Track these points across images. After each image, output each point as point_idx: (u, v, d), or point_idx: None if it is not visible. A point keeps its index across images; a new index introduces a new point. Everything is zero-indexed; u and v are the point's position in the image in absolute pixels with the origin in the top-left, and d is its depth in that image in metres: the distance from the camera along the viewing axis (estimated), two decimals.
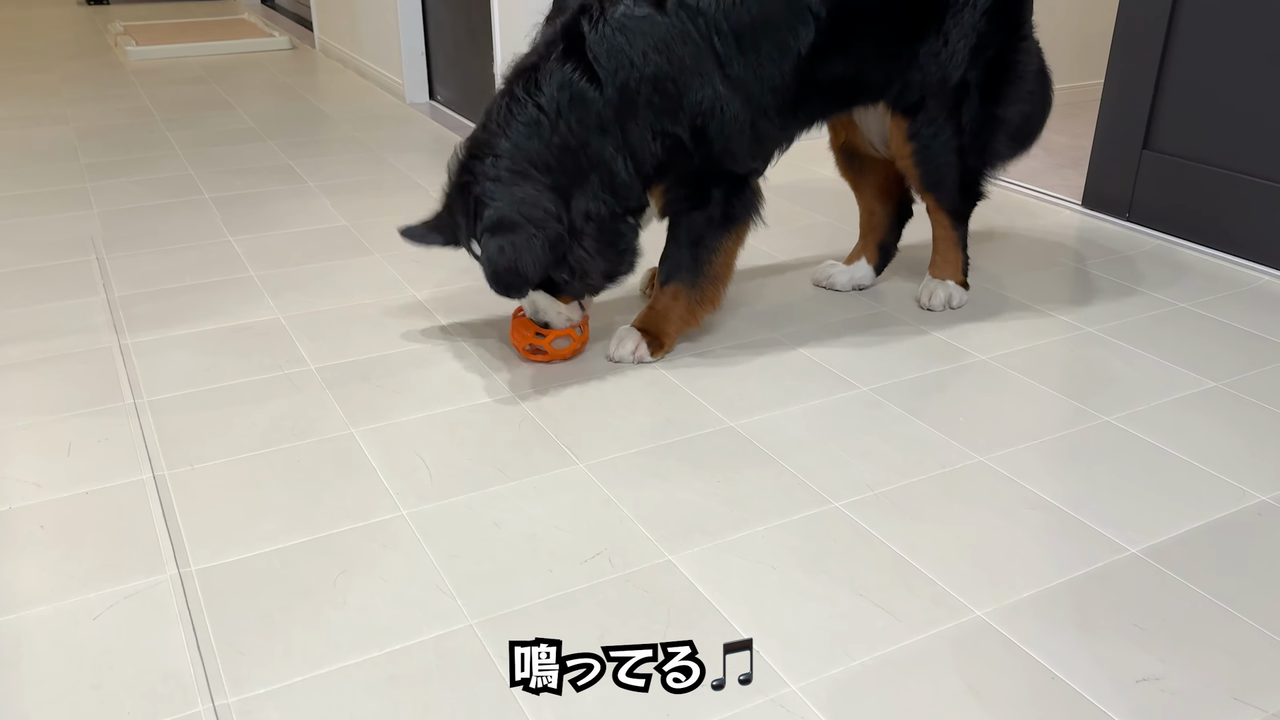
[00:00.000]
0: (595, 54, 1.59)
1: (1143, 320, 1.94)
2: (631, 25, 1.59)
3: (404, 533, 1.33)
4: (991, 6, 1.78)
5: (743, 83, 1.64)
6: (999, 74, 1.85)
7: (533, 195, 1.59)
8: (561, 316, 1.73)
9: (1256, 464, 1.48)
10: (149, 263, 2.22)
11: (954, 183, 1.91)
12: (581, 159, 1.60)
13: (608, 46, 1.59)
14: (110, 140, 3.22)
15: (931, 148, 1.86)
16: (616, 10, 1.60)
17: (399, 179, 2.86)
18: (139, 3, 6.47)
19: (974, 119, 1.85)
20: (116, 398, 1.66)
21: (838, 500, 1.39)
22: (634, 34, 1.59)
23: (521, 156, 1.60)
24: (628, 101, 1.60)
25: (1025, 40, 1.88)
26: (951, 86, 1.81)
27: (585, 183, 1.61)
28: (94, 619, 1.18)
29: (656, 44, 1.59)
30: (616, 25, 1.59)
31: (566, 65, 1.60)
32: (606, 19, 1.59)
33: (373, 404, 1.64)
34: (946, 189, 1.92)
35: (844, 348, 1.84)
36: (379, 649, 1.13)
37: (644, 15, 1.59)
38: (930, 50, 1.78)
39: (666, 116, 1.62)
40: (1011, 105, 1.89)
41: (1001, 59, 1.84)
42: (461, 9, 3.37)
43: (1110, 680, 1.09)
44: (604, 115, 1.59)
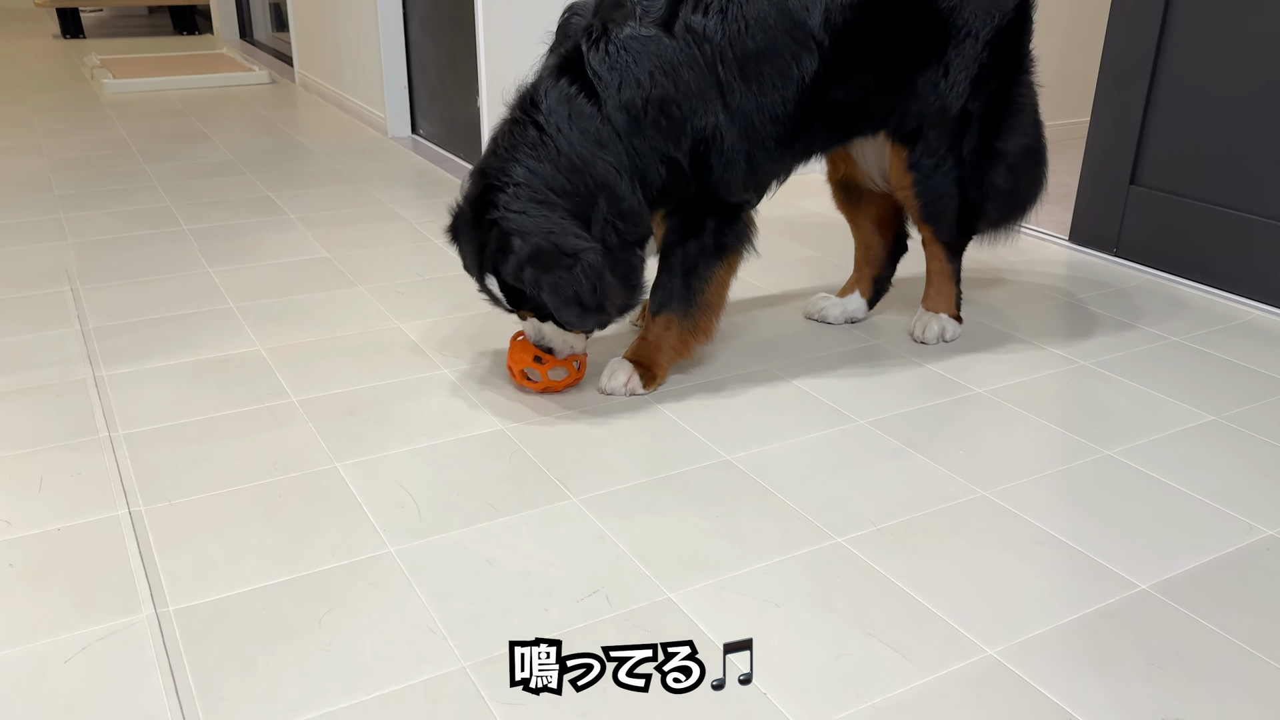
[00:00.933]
0: (594, 70, 1.57)
1: (1137, 354, 1.93)
2: (638, 46, 1.58)
3: (392, 571, 1.27)
4: (993, 38, 1.78)
5: (743, 112, 1.64)
6: (999, 106, 1.85)
7: (561, 225, 1.56)
8: (568, 346, 1.71)
9: (1260, 498, 1.46)
10: (125, 294, 2.16)
11: (953, 214, 1.90)
12: (589, 179, 1.58)
13: (610, 64, 1.57)
14: (85, 172, 3.17)
15: (932, 178, 1.85)
16: (623, 30, 1.59)
17: (381, 211, 2.82)
18: (115, 37, 6.44)
19: (974, 150, 1.85)
20: (91, 431, 1.60)
21: (840, 536, 1.35)
22: (641, 55, 1.58)
23: (540, 182, 1.57)
24: (633, 121, 1.58)
25: (1026, 75, 1.88)
26: (952, 117, 1.81)
27: (596, 207, 1.59)
28: (65, 662, 1.11)
29: (664, 66, 1.58)
30: (621, 44, 1.58)
31: (562, 80, 1.59)
32: (610, 38, 1.58)
33: (358, 437, 1.59)
34: (946, 220, 1.91)
35: (839, 380, 1.81)
36: (367, 693, 1.07)
37: (651, 36, 1.58)
38: (930, 80, 1.78)
39: (670, 140, 1.61)
40: (1010, 138, 1.88)
41: (1002, 91, 1.84)
42: (445, 44, 3.36)
43: (1129, 717, 1.05)
44: (603, 132, 1.57)
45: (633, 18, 1.59)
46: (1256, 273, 2.17)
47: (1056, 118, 3.60)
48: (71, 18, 6.27)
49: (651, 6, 1.60)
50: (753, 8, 1.62)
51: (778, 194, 1.86)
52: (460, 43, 3.21)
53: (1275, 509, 1.43)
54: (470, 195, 1.65)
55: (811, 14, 1.65)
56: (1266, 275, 2.16)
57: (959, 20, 1.75)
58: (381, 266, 2.36)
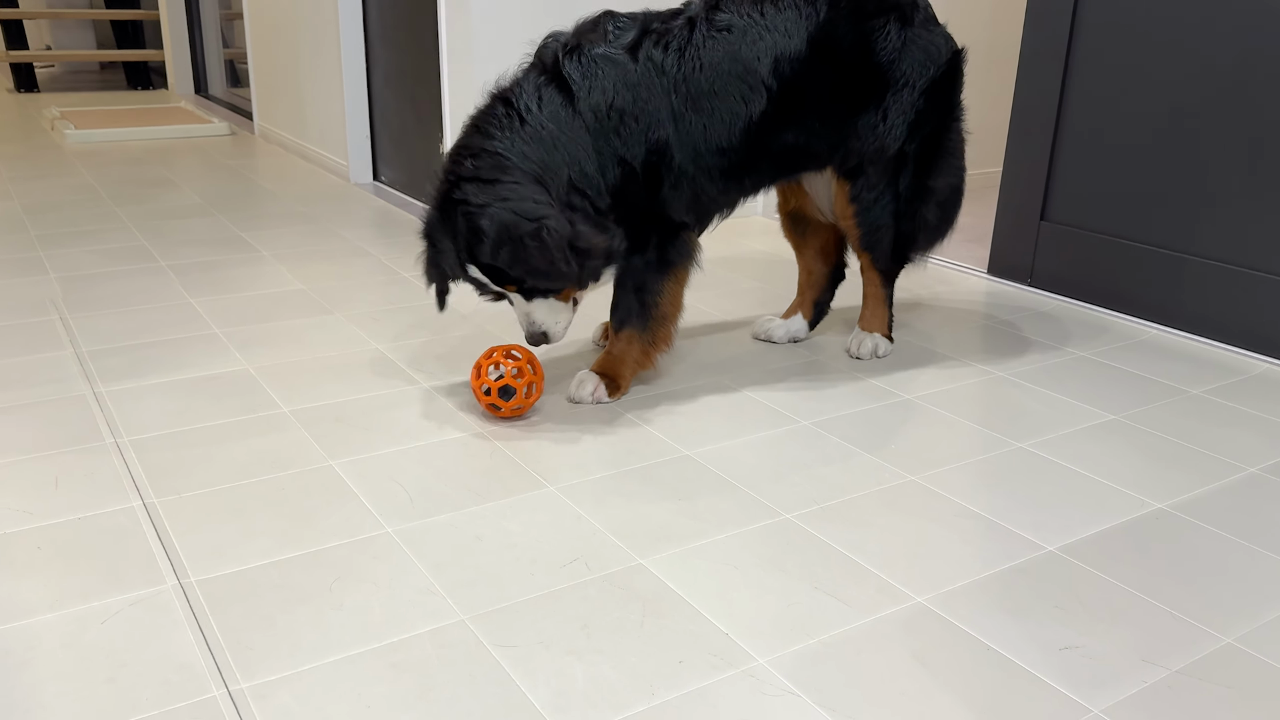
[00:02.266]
0: (569, 72, 1.76)
1: (1046, 366, 2.16)
2: (606, 62, 1.78)
3: (391, 547, 1.42)
4: (928, 88, 2.00)
5: (691, 140, 1.82)
6: (932, 150, 2.07)
7: (518, 191, 1.68)
8: (560, 325, 1.82)
9: (1150, 480, 1.68)
10: (112, 321, 2.29)
11: (889, 243, 2.12)
12: (557, 154, 1.73)
13: (583, 71, 1.77)
14: (58, 214, 3.28)
15: (871, 211, 2.06)
16: (595, 49, 1.79)
17: (350, 248, 2.98)
18: (69, 91, 6.52)
19: (909, 187, 2.07)
20: (96, 438, 1.73)
21: (788, 513, 1.53)
22: (609, 67, 1.77)
23: (500, 147, 1.71)
24: (598, 121, 1.76)
25: (957, 122, 2.11)
26: (890, 157, 2.02)
27: (560, 177, 1.73)
28: (101, 624, 1.24)
29: (627, 83, 1.77)
30: (593, 58, 1.78)
31: (540, 78, 1.77)
32: (584, 52, 1.78)
33: (348, 440, 1.74)
34: (882, 248, 2.12)
35: (784, 390, 2.00)
36: (379, 641, 1.22)
37: (619, 58, 1.79)
38: (870, 123, 1.99)
39: (627, 145, 1.78)
40: (940, 178, 2.11)
41: (935, 136, 2.06)
42: (408, 93, 3.55)
43: (1038, 649, 1.24)
44: (573, 125, 1.74)
45: (604, 40, 1.80)
46: (1152, 297, 2.43)
47: (973, 167, 3.90)
48: (26, 72, 6.35)
49: (621, 35, 1.81)
50: (709, 53, 1.82)
51: (724, 234, 2.07)
52: (423, 94, 3.40)
53: (1162, 488, 1.65)
54: (438, 188, 1.76)
55: (762, 62, 1.86)
56: (1161, 299, 2.42)
57: (898, 72, 1.97)
58: (355, 296, 2.52)
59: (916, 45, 1.98)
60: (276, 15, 4.45)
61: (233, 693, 1.13)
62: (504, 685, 1.15)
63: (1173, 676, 1.20)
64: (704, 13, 1.86)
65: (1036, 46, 2.60)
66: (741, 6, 1.88)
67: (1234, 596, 1.36)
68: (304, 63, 4.21)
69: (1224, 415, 1.94)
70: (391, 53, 3.63)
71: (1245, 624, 1.30)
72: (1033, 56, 2.61)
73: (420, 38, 3.34)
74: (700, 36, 1.83)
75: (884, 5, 1.96)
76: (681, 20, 1.85)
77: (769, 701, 1.13)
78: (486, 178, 1.70)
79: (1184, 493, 1.63)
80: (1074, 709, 1.14)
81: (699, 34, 1.84)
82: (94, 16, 6.90)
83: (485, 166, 1.71)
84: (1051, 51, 2.56)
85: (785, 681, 1.16)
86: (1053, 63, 2.56)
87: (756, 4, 1.88)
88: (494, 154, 1.72)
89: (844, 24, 1.92)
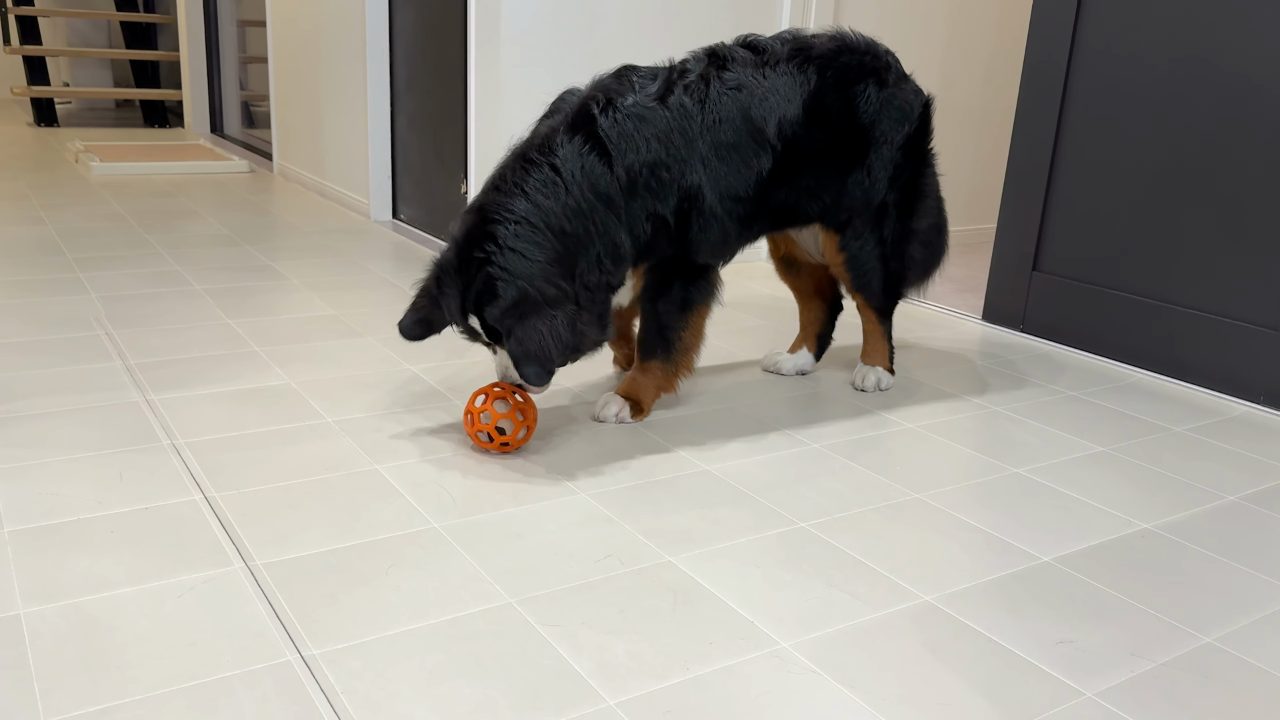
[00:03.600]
0: (607, 134, 1.82)
1: (1039, 403, 2.30)
2: (639, 114, 1.86)
3: (439, 540, 1.53)
4: (904, 143, 2.18)
5: (716, 183, 1.95)
6: (911, 195, 2.24)
7: (547, 271, 1.74)
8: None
9: (1138, 503, 1.81)
10: (155, 338, 2.41)
11: (879, 285, 2.27)
12: (591, 226, 1.79)
13: (619, 130, 1.84)
14: (91, 239, 3.41)
15: (860, 257, 2.22)
16: (626, 100, 1.87)
17: (375, 279, 3.11)
18: (88, 126, 6.69)
19: (892, 232, 2.23)
20: (153, 439, 1.84)
21: (802, 522, 1.66)
22: (641, 122, 1.86)
23: (539, 217, 1.75)
24: (631, 183, 1.84)
25: (929, 167, 2.28)
26: (874, 208, 2.19)
27: (589, 250, 1.80)
28: (178, 597, 1.35)
29: (659, 134, 1.87)
30: (627, 113, 1.86)
31: (578, 138, 1.82)
32: (616, 106, 1.86)
33: (391, 447, 1.85)
34: (873, 290, 2.28)
35: (795, 416, 2.13)
36: (435, 618, 1.33)
37: (651, 107, 1.88)
38: (857, 180, 2.15)
39: (660, 199, 1.88)
40: (921, 219, 2.28)
41: (912, 184, 2.23)
42: (430, 134, 3.71)
43: (1035, 642, 1.36)
44: (611, 191, 1.82)
45: (632, 91, 1.90)
46: (1138, 344, 2.59)
47: (969, 223, 4.09)
48: (46, 107, 6.52)
49: (647, 85, 1.91)
50: (725, 109, 1.96)
51: (731, 276, 2.21)
52: (447, 137, 3.56)
53: (1147, 511, 1.78)
54: (462, 232, 1.79)
55: (768, 124, 2.01)
56: (1146, 345, 2.57)
57: (878, 131, 2.14)
58: (385, 321, 2.65)
59: (892, 105, 2.14)
60: (301, 58, 4.63)
61: (305, 657, 1.23)
62: (552, 657, 1.26)
63: (1158, 669, 1.32)
64: (714, 71, 1.99)
65: (1031, 110, 2.78)
66: (745, 69, 2.01)
67: (1213, 604, 1.48)
68: (328, 104, 4.38)
69: (1205, 450, 2.08)
70: (416, 98, 3.81)
71: (1223, 627, 1.42)
72: (1027, 119, 2.79)
73: (447, 84, 3.52)
74: (716, 92, 1.96)
75: (863, 70, 2.11)
76: (696, 75, 1.97)
77: (793, 678, 1.25)
78: (516, 247, 1.73)
79: (1167, 515, 1.76)
80: (1069, 693, 1.25)
81: (714, 90, 1.96)
82: (117, 56, 7.10)
83: (519, 235, 1.74)
84: (1045, 114, 2.74)
85: (807, 662, 1.28)
86: (1045, 124, 2.74)
87: (758, 68, 2.02)
88: (531, 225, 1.75)
89: (831, 92, 2.07)
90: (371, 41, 3.90)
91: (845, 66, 2.09)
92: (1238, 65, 2.35)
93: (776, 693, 1.21)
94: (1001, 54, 3.95)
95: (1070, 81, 2.68)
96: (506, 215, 1.76)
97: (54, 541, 1.47)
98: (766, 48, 2.06)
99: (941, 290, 3.33)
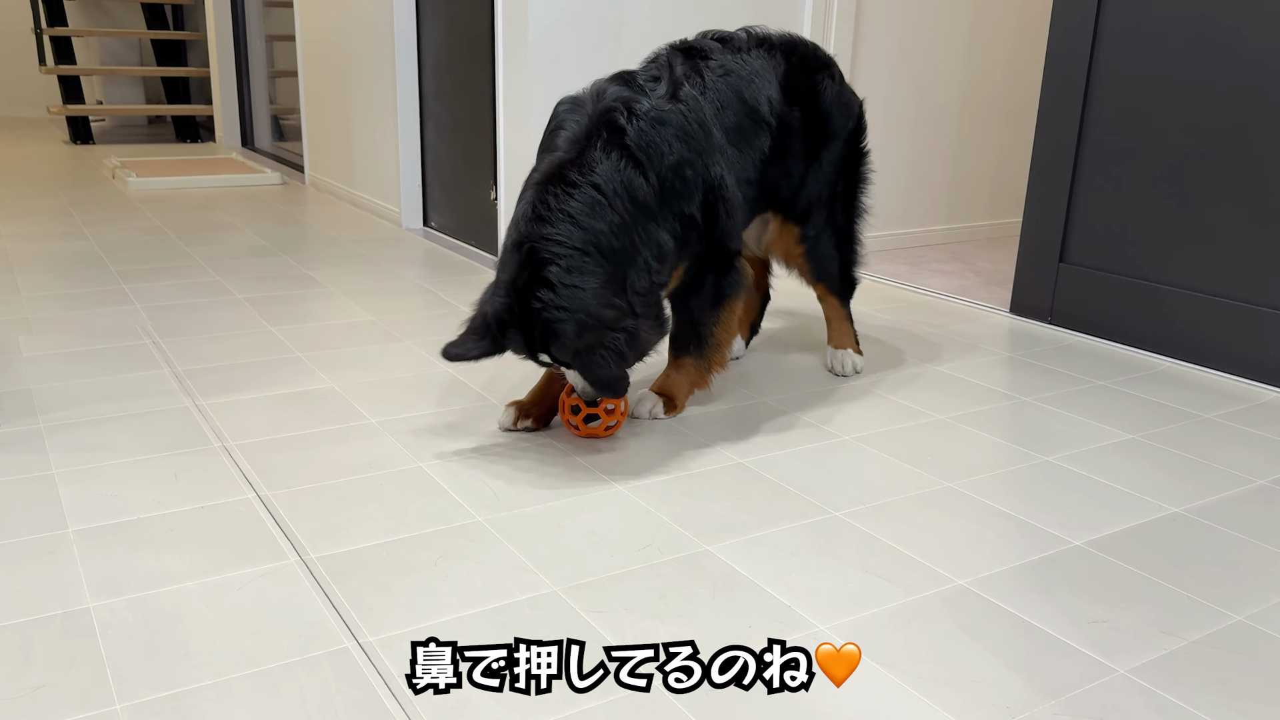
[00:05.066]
0: (637, 144, 1.82)
1: (1068, 393, 2.32)
2: (659, 117, 1.86)
3: (484, 533, 1.59)
4: (848, 137, 2.31)
5: (732, 168, 2.00)
6: (855, 183, 2.38)
7: (601, 295, 1.73)
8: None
9: (1169, 488, 1.83)
10: (200, 346, 2.48)
11: (837, 271, 2.39)
12: (636, 236, 1.79)
13: (646, 139, 1.83)
14: (133, 253, 3.50)
15: (817, 247, 2.32)
16: (643, 105, 1.86)
17: (410, 286, 3.18)
18: (120, 143, 6.82)
19: (844, 219, 2.36)
20: (204, 443, 1.91)
21: (836, 511, 1.69)
22: (662, 125, 1.87)
23: (589, 241, 1.74)
24: (664, 187, 1.86)
25: (866, 155, 2.39)
26: (827, 198, 2.29)
27: (637, 260, 1.80)
28: (238, 590, 1.41)
29: (678, 133, 1.88)
30: (649, 119, 1.85)
31: (613, 154, 1.80)
32: (638, 114, 1.85)
33: (433, 446, 1.91)
34: (832, 277, 2.39)
35: (825, 410, 2.17)
36: (484, 606, 1.38)
37: (666, 109, 1.89)
38: (814, 172, 2.25)
39: (686, 199, 1.89)
40: (862, 199, 2.42)
41: (854, 172, 2.37)
42: (461, 146, 3.78)
43: (1069, 622, 1.39)
44: (648, 199, 1.83)
45: (645, 95, 1.90)
46: (1167, 332, 2.60)
47: (993, 217, 4.10)
48: (82, 125, 6.66)
49: (657, 87, 1.92)
50: (724, 94, 2.01)
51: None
52: (476, 144, 3.63)
53: (1178, 495, 1.80)
54: (516, 276, 1.75)
55: (760, 103, 2.08)
56: (1175, 334, 2.58)
57: (833, 123, 2.26)
58: (422, 326, 2.71)
59: (841, 100, 2.27)
60: (330, 70, 4.72)
61: (363, 644, 1.29)
62: (598, 641, 1.30)
63: (1190, 646, 1.34)
64: (700, 61, 2.03)
65: (1054, 102, 2.80)
66: (725, 55, 2.08)
67: (1245, 584, 1.51)
68: (358, 115, 4.46)
69: (1235, 436, 2.09)
70: (445, 107, 3.87)
71: (1255, 606, 1.45)
72: (1050, 110, 2.81)
73: (476, 93, 3.58)
74: (711, 79, 2.01)
75: (818, 62, 2.25)
76: (684, 67, 1.99)
77: None
78: (569, 283, 1.72)
79: (1198, 499, 1.79)
80: (1102, 670, 1.29)
81: (709, 77, 2.01)
82: (149, 73, 7.24)
83: (571, 269, 1.72)
84: (1068, 104, 2.76)
85: (844, 643, 1.32)
86: (1069, 115, 2.76)
87: (734, 52, 2.10)
88: (583, 253, 1.74)
89: (798, 74, 2.18)
90: (400, 51, 3.97)
91: (804, 56, 2.23)
92: (1261, 48, 2.36)
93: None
94: (1023, 47, 3.97)
95: (1093, 71, 2.70)
96: (557, 251, 1.73)
97: (118, 539, 1.53)
98: (731, 37, 2.15)
99: (968, 284, 3.34)
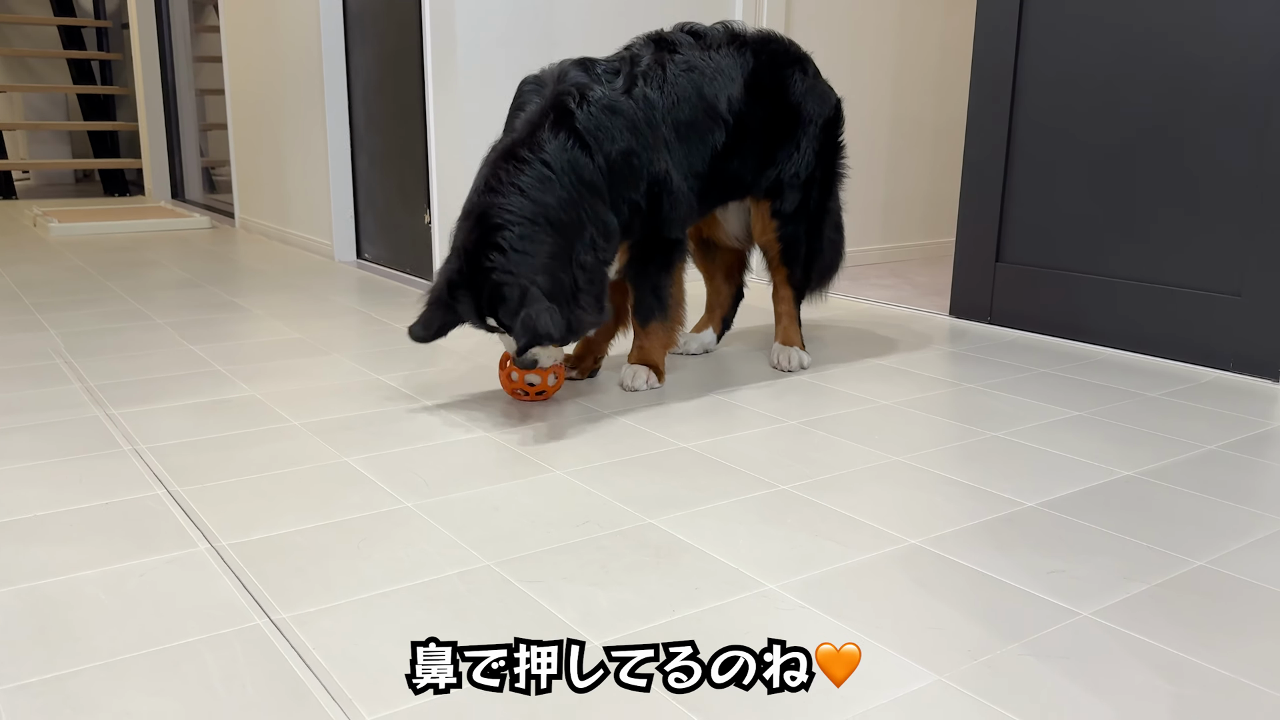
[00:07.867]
0: (585, 127, 1.92)
1: (1013, 380, 2.30)
2: (611, 106, 1.96)
3: (413, 517, 1.49)
4: (824, 124, 2.35)
5: (679, 164, 2.06)
6: (830, 173, 2.41)
7: (548, 265, 1.83)
8: (550, 358, 1.97)
9: (1119, 455, 1.80)
10: (116, 363, 2.36)
11: (804, 257, 2.40)
12: (582, 212, 1.89)
13: (595, 123, 1.93)
14: (52, 288, 3.36)
15: (789, 224, 2.36)
16: (596, 93, 1.96)
17: (340, 308, 3.08)
18: (48, 198, 6.65)
19: (816, 206, 2.39)
20: (114, 446, 1.79)
21: (784, 485, 1.63)
22: (613, 113, 1.96)
23: (539, 213, 1.84)
24: (613, 172, 1.94)
25: (842, 144, 2.43)
26: (802, 181, 2.33)
27: (583, 234, 1.88)
28: (140, 576, 1.29)
29: (628, 124, 1.97)
30: (600, 106, 1.95)
31: (561, 134, 1.90)
32: (590, 100, 1.95)
33: (360, 442, 1.81)
34: (799, 261, 2.40)
35: (769, 398, 2.11)
36: (410, 581, 1.28)
37: (619, 99, 1.98)
38: (787, 153, 2.30)
39: (632, 186, 1.98)
40: (834, 201, 2.46)
41: (830, 160, 2.40)
42: (393, 170, 3.72)
43: (1027, 573, 1.33)
44: (595, 179, 1.91)
45: (600, 83, 1.98)
46: (1107, 323, 2.60)
47: (927, 237, 4.13)
48: (4, 180, 6.48)
49: (614, 79, 2.00)
50: (682, 89, 2.08)
51: None
52: (410, 171, 3.57)
53: (1129, 462, 1.77)
54: (469, 241, 1.86)
55: (719, 100, 2.14)
56: (1115, 324, 2.58)
57: (805, 112, 2.31)
58: (352, 341, 2.62)
59: (814, 92, 2.34)
60: (261, 110, 4.64)
61: (275, 621, 1.18)
62: (534, 609, 1.21)
63: (1153, 589, 1.29)
64: (666, 55, 2.11)
65: (983, 106, 2.82)
66: (693, 51, 2.15)
67: (1202, 534, 1.47)
68: (289, 152, 4.38)
69: (1180, 411, 2.07)
70: (377, 136, 3.82)
71: (1216, 552, 1.40)
72: (980, 115, 2.84)
73: (407, 119, 3.53)
74: (672, 74, 2.09)
75: (789, 57, 2.32)
76: (650, 60, 2.08)
77: (782, 614, 1.21)
78: (519, 248, 1.82)
79: (1149, 464, 1.75)
80: (1063, 614, 1.22)
81: (670, 72, 2.08)
82: (74, 128, 7.10)
83: (522, 236, 1.82)
84: (996, 107, 2.78)
85: (795, 600, 1.24)
86: (998, 116, 2.78)
87: (703, 50, 2.17)
88: (533, 223, 1.83)
89: (766, 72, 2.25)
90: (330, 82, 3.92)
91: (775, 52, 2.29)
92: (1180, 42, 2.40)
93: (768, 627, 1.18)
94: (949, 67, 4.04)
95: (1019, 73, 2.73)
96: (508, 218, 1.83)
97: (6, 538, 1.41)
98: (705, 33, 2.22)
99: (907, 294, 3.34)
